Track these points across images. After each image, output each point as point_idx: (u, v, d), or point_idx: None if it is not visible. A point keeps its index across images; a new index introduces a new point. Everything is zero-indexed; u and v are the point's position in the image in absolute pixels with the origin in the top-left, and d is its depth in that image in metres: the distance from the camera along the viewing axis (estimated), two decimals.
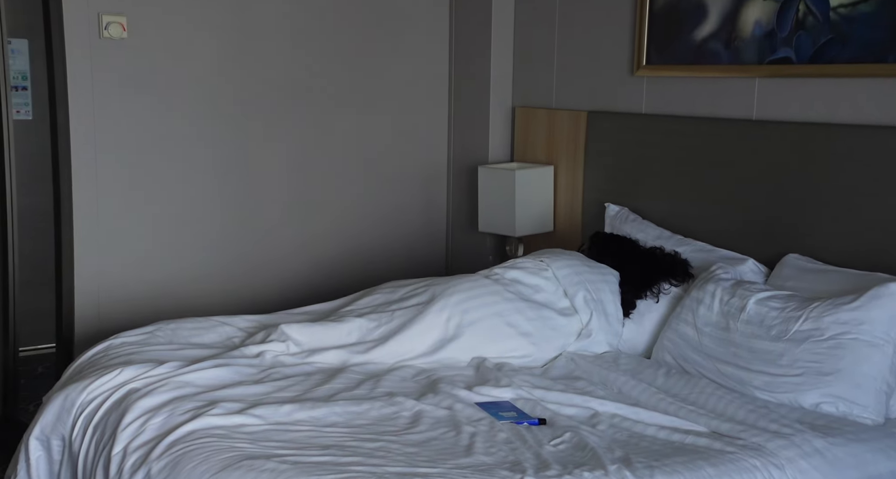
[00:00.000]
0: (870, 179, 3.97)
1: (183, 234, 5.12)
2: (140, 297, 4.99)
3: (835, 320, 3.58)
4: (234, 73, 5.12)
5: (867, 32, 4.00)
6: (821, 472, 3.15)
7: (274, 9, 5.18)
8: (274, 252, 5.34)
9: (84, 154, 4.85)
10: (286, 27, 5.23)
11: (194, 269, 5.15)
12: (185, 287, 5.10)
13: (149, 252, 5.04)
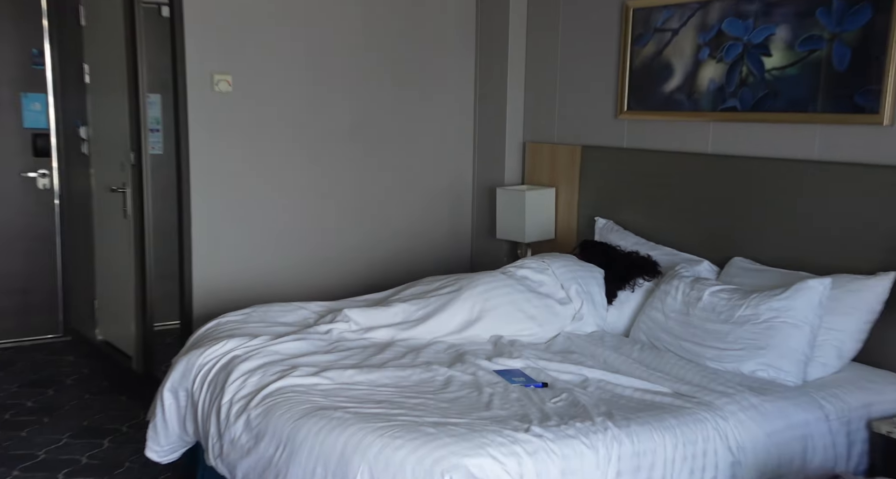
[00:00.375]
0: (795, 200, 3.97)
1: (272, 240, 5.14)
2: (240, 287, 5.03)
3: (768, 308, 3.59)
4: (310, 116, 5.13)
5: (792, 89, 4.01)
6: (755, 422, 3.17)
7: (340, 69, 5.16)
8: (340, 253, 5.36)
9: (199, 180, 4.89)
10: (349, 82, 5.21)
11: (280, 266, 5.17)
12: (273, 280, 5.12)
13: (246, 253, 5.06)
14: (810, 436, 3.28)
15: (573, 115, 5.08)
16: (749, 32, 4.18)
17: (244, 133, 4.99)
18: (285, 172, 5.11)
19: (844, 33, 3.82)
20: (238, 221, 5.02)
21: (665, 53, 4.58)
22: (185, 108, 4.86)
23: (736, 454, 3.12)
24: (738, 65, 4.25)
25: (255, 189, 5.05)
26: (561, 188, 5.11)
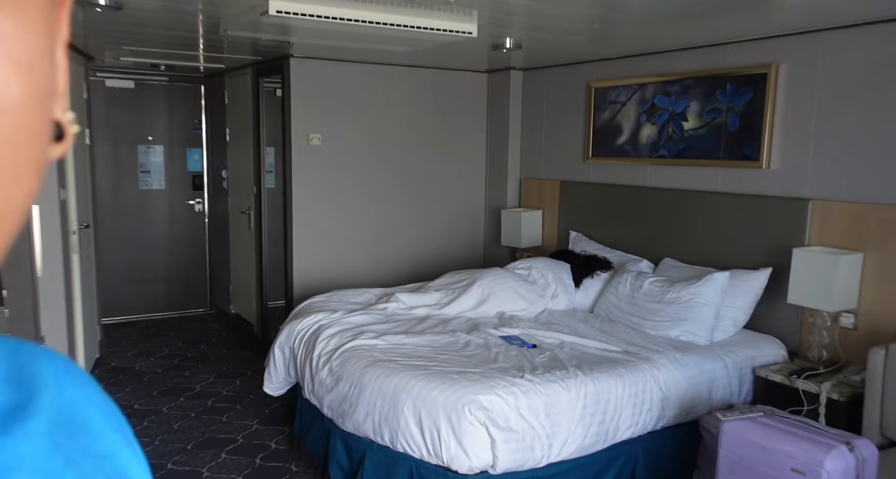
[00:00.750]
0: (705, 219, 3.96)
1: (345, 245, 5.13)
2: (324, 277, 5.04)
3: (687, 293, 3.59)
4: (372, 161, 5.14)
5: (702, 144, 3.99)
6: (677, 370, 3.21)
7: (392, 128, 5.17)
8: (391, 255, 5.33)
9: (298, 205, 4.89)
10: (398, 136, 5.21)
11: (351, 263, 5.16)
12: (346, 272, 5.12)
13: (328, 254, 5.05)
14: (715, 379, 3.31)
15: (555, 159, 5.07)
16: (672, 105, 4.16)
17: (328, 174, 4.96)
18: (354, 200, 5.11)
19: (735, 107, 3.81)
20: (323, 233, 5.01)
21: (617, 118, 4.52)
22: (290, 156, 4.89)
23: (664, 392, 3.15)
24: (665, 127, 4.22)
25: (335, 211, 5.03)
26: (546, 210, 5.10)
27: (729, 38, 3.75)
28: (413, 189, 5.34)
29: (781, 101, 3.60)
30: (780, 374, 3.21)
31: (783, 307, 3.51)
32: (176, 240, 6.54)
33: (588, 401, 2.93)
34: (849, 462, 2.33)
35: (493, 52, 4.34)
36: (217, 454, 3.65)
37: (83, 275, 4.71)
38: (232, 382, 4.72)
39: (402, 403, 2.83)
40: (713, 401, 3.25)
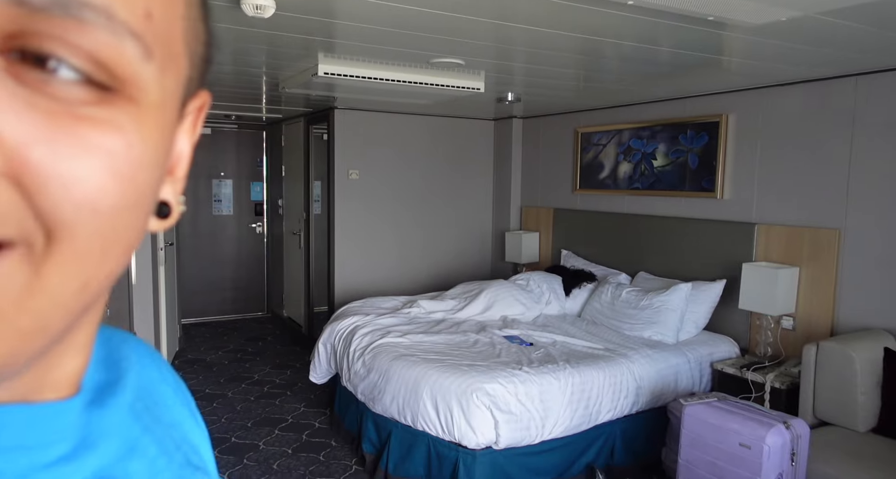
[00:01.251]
0: (671, 238, 3.97)
1: (377, 260, 5.09)
2: (359, 287, 5.01)
3: (658, 301, 3.57)
4: (399, 192, 5.12)
5: (669, 178, 4.00)
6: (649, 364, 3.19)
7: (416, 165, 5.14)
8: (413, 268, 5.28)
9: (339, 228, 4.88)
10: (420, 172, 5.18)
11: (381, 275, 5.12)
12: (377, 283, 5.08)
13: (363, 268, 4.99)
14: (679, 372, 3.28)
15: (549, 191, 5.06)
16: (644, 146, 4.18)
17: (363, 202, 4.95)
18: (385, 223, 5.06)
19: (694, 148, 3.83)
20: (359, 251, 4.95)
21: (599, 157, 4.52)
22: (333, 188, 4.89)
23: (638, 382, 3.13)
24: (639, 164, 4.22)
25: (368, 233, 4.99)
26: (542, 232, 5.10)
27: (688, 93, 3.79)
28: (432, 214, 5.34)
29: (732, 144, 3.64)
30: (734, 367, 3.22)
31: (736, 312, 3.52)
32: (241, 256, 6.59)
33: (575, 389, 2.93)
34: (785, 438, 2.35)
35: (498, 103, 4.37)
36: (271, 431, 3.65)
37: (167, 283, 4.81)
38: (284, 372, 4.72)
39: (422, 390, 2.84)
40: (678, 389, 3.25)
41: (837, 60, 2.76)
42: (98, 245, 0.26)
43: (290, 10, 2.06)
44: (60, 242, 0.24)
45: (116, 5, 0.24)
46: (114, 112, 0.25)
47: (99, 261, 0.26)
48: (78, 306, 0.27)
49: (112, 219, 0.25)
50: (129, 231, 0.27)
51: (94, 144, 0.24)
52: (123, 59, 0.25)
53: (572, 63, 2.96)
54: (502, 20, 2.17)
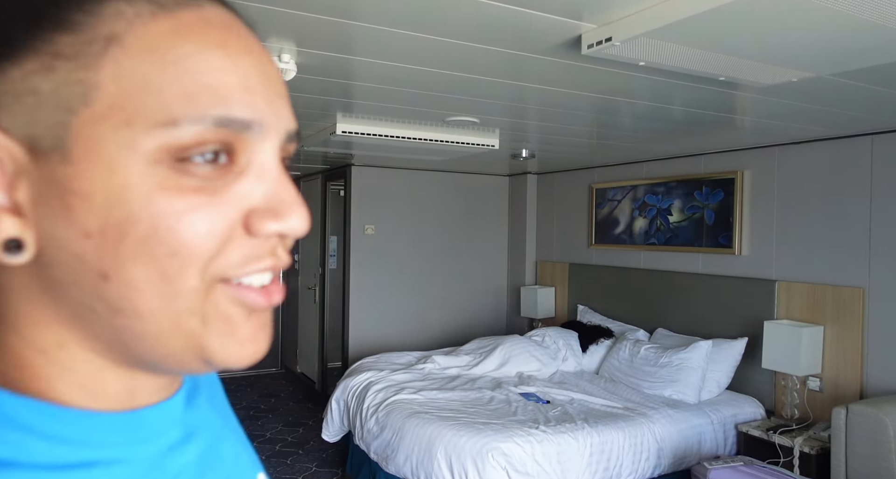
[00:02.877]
0: (689, 295, 3.93)
1: (392, 315, 5.01)
2: (374, 342, 4.96)
3: (678, 358, 3.50)
4: (415, 247, 5.10)
5: (685, 234, 3.99)
6: (671, 424, 3.11)
7: (431, 220, 5.14)
8: (429, 323, 5.22)
9: (355, 282, 4.87)
10: (436, 227, 5.16)
11: (396, 331, 5.06)
12: (392, 338, 5.01)
13: (378, 323, 4.94)
14: (703, 433, 3.20)
15: (564, 245, 5.07)
16: (660, 202, 4.19)
17: (379, 256, 4.97)
18: (400, 279, 5.03)
19: (711, 204, 3.84)
20: (373, 306, 4.94)
21: (614, 213, 4.53)
22: (349, 243, 4.92)
23: (660, 443, 3.05)
24: (654, 220, 4.22)
25: (383, 288, 4.98)
26: (557, 287, 5.08)
27: (703, 150, 3.83)
28: (447, 270, 5.34)
29: (748, 200, 3.65)
30: (759, 429, 3.12)
31: (759, 371, 3.43)
32: None
33: (594, 450, 2.86)
34: None
35: (513, 160, 4.42)
36: None
37: None
38: (296, 430, 4.66)
39: (436, 449, 2.78)
40: (702, 452, 3.15)
41: (851, 120, 2.78)
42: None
43: (311, 73, 2.14)
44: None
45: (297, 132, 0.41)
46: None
47: None
48: None
49: None
50: None
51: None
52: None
53: (586, 121, 3.01)
54: (516, 80, 2.23)
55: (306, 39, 1.81)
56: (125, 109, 0.31)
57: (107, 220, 0.32)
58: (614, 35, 1.58)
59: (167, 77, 0.32)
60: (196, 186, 0.33)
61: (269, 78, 0.36)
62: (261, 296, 0.36)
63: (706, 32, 1.52)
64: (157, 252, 0.32)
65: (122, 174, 0.32)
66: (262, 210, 0.35)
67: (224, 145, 0.33)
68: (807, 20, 1.45)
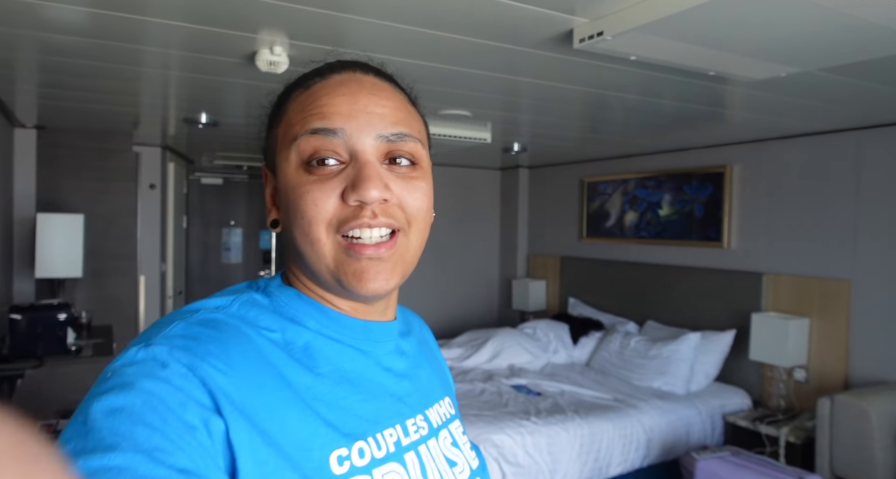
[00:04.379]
0: (679, 287, 3.95)
1: None
2: None
3: (667, 350, 3.53)
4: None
5: (675, 227, 4.01)
6: (660, 415, 3.13)
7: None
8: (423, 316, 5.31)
9: None
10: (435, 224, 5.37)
11: None
12: None
13: None
14: (691, 424, 3.23)
15: (556, 239, 5.08)
16: (650, 196, 4.21)
17: None
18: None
19: (700, 198, 3.86)
20: None
21: (605, 206, 4.55)
22: None
23: (649, 434, 3.08)
24: (645, 213, 4.24)
25: None
26: (549, 280, 5.10)
27: (693, 145, 3.84)
28: (439, 263, 5.35)
29: (736, 194, 3.66)
30: (746, 420, 3.15)
31: (747, 363, 3.47)
32: None
33: (584, 441, 2.89)
34: None
35: (505, 153, 4.44)
36: None
37: None
38: None
39: None
40: (690, 442, 3.18)
41: (839, 115, 2.79)
42: (422, 227, 0.60)
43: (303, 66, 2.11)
44: (413, 226, 0.59)
45: (413, 132, 0.59)
46: (418, 172, 0.60)
47: (422, 233, 0.61)
48: (416, 259, 0.61)
49: (425, 216, 0.61)
50: (428, 222, 0.62)
51: (412, 187, 0.58)
52: (418, 151, 0.60)
53: (578, 115, 3.01)
54: (508, 74, 2.23)
55: (298, 32, 1.79)
56: (287, 138, 0.58)
57: (286, 202, 0.58)
58: (606, 29, 1.58)
59: (296, 117, 0.58)
60: (314, 179, 0.56)
61: (360, 104, 0.57)
62: (362, 247, 0.56)
63: (697, 27, 1.52)
64: (298, 217, 0.56)
65: (285, 175, 0.58)
66: (349, 187, 0.55)
67: (325, 151, 0.56)
68: (795, 15, 1.45)
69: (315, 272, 0.58)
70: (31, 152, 3.56)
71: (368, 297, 0.57)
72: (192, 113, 3.13)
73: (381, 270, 0.56)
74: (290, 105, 0.59)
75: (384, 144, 0.57)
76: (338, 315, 0.60)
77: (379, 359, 0.61)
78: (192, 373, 0.46)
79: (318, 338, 0.57)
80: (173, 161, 4.65)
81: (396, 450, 0.56)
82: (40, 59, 2.13)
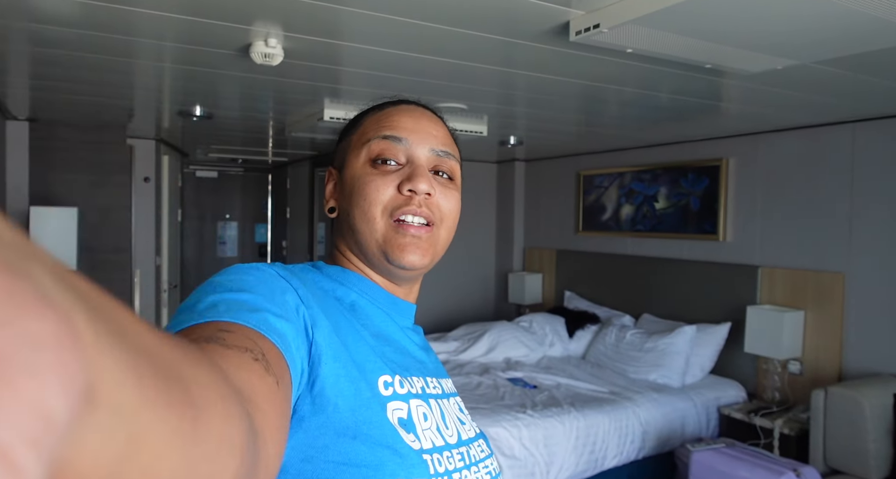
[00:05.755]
0: (674, 281, 3.95)
1: None
2: None
3: (662, 343, 3.54)
4: None
5: (671, 220, 4.01)
6: (655, 408, 3.15)
7: None
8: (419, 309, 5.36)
9: None
10: None
11: None
12: None
13: None
14: (686, 416, 3.24)
15: (552, 232, 5.06)
16: (646, 189, 4.20)
17: None
18: None
19: (696, 191, 3.86)
20: None
21: (601, 199, 4.53)
22: None
23: (644, 426, 3.09)
24: (641, 206, 4.23)
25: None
26: (545, 273, 5.10)
27: (689, 138, 3.84)
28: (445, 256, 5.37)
29: (732, 187, 3.67)
30: (741, 412, 3.16)
31: (742, 355, 3.48)
32: None
33: (580, 433, 2.89)
34: None
35: (501, 147, 4.43)
36: None
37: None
38: None
39: None
40: (685, 435, 3.20)
41: (834, 107, 2.80)
42: (450, 226, 0.76)
43: (298, 58, 2.12)
44: (444, 223, 0.74)
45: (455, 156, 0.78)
46: (453, 186, 0.77)
47: (449, 232, 0.77)
48: (443, 251, 0.77)
49: (454, 218, 0.77)
50: (454, 224, 0.77)
51: (449, 194, 0.75)
52: (456, 170, 0.78)
53: (574, 108, 3.01)
54: (504, 67, 2.22)
55: (293, 24, 1.78)
56: (359, 142, 0.75)
57: (351, 189, 0.73)
58: (602, 22, 1.58)
59: (370, 127, 0.75)
60: (377, 173, 0.72)
61: (421, 125, 0.75)
62: (408, 226, 0.70)
63: (693, 20, 1.52)
64: (361, 199, 0.71)
65: (353, 169, 0.74)
66: (405, 180, 0.71)
67: (389, 153, 0.72)
68: (791, 8, 1.45)
69: (365, 247, 0.72)
70: (23, 145, 3.54)
71: (405, 267, 0.71)
72: (187, 106, 3.11)
73: (419, 246, 0.71)
74: (366, 120, 0.77)
75: (434, 157, 0.74)
76: (375, 285, 0.74)
77: (403, 329, 0.75)
78: (285, 280, 0.60)
79: (361, 299, 0.72)
80: (168, 154, 4.63)
81: (421, 392, 0.68)
82: (32, 50, 2.11)
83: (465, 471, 0.67)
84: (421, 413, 0.65)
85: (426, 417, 0.66)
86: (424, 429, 0.64)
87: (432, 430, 0.65)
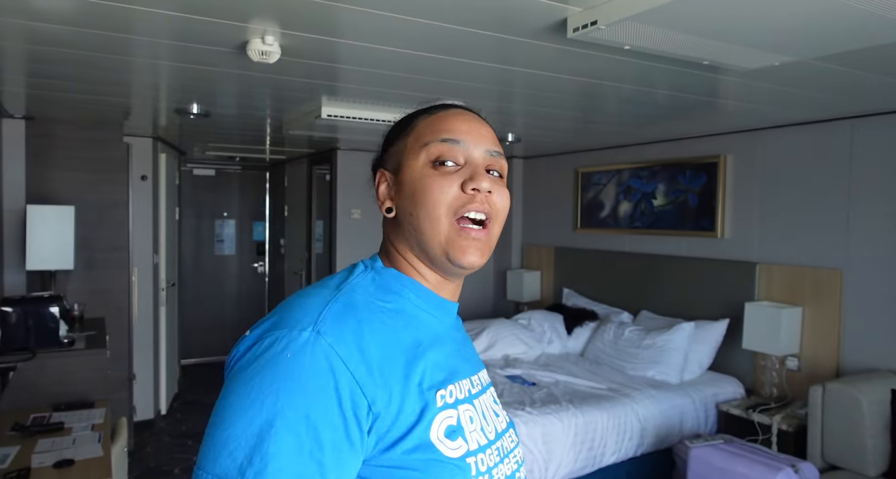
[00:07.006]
0: (672, 277, 3.96)
1: None
2: None
3: (661, 340, 3.55)
4: None
5: (669, 217, 4.02)
6: (653, 404, 3.15)
7: None
8: None
9: (342, 266, 4.89)
10: None
11: None
12: None
13: None
14: (684, 412, 3.25)
15: (550, 229, 5.07)
16: (644, 186, 4.21)
17: (365, 241, 4.86)
18: None
19: (694, 188, 3.86)
20: None
21: (600, 196, 4.54)
22: (335, 227, 4.90)
23: (643, 423, 3.10)
24: (639, 203, 4.24)
25: None
26: (544, 271, 5.10)
27: (687, 135, 3.85)
28: None
29: (730, 184, 3.67)
30: (739, 408, 3.17)
31: (740, 352, 3.49)
32: (242, 295, 6.60)
33: (578, 430, 2.90)
34: None
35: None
36: None
37: (168, 324, 4.78)
38: None
39: None
40: (683, 431, 3.21)
41: (832, 104, 2.80)
42: (501, 220, 0.79)
43: (295, 56, 2.11)
44: (497, 218, 0.77)
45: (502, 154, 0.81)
46: (503, 183, 0.80)
47: (500, 226, 0.79)
48: (494, 246, 0.78)
49: (505, 213, 0.79)
50: (504, 219, 0.79)
51: (502, 192, 0.78)
52: (505, 169, 0.81)
53: (572, 105, 3.01)
54: (502, 64, 2.22)
55: (290, 21, 1.78)
56: (417, 145, 0.78)
57: (412, 190, 0.75)
58: (600, 19, 1.58)
59: (426, 131, 0.79)
60: (438, 174, 0.75)
61: (474, 128, 0.79)
62: (469, 230, 0.74)
63: (690, 16, 1.52)
64: (426, 200, 0.74)
65: (413, 170, 0.76)
66: (468, 179, 0.75)
67: (449, 155, 0.76)
68: (789, 4, 1.45)
69: (427, 246, 0.75)
70: (20, 143, 3.53)
71: (465, 267, 0.75)
72: (184, 103, 3.10)
73: (479, 248, 0.75)
74: (418, 124, 0.80)
75: (488, 156, 0.78)
76: (427, 291, 0.78)
77: (448, 329, 0.80)
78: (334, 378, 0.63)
79: (409, 305, 0.76)
80: (165, 152, 4.62)
81: (468, 396, 0.74)
82: (28, 48, 2.11)
83: (500, 465, 0.74)
84: (468, 417, 0.72)
85: (472, 419, 0.72)
86: (471, 431, 0.71)
87: (477, 431, 0.72)
